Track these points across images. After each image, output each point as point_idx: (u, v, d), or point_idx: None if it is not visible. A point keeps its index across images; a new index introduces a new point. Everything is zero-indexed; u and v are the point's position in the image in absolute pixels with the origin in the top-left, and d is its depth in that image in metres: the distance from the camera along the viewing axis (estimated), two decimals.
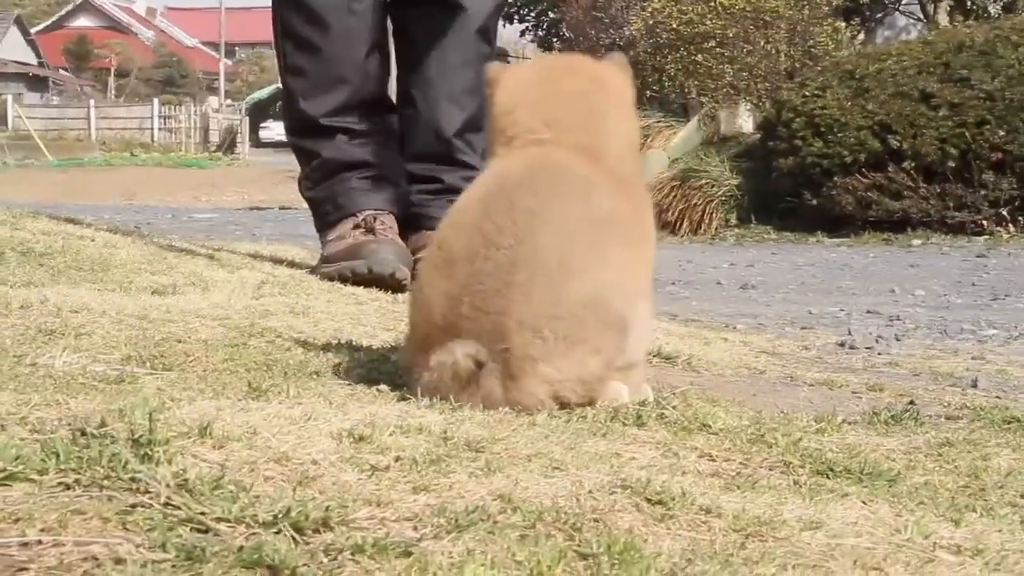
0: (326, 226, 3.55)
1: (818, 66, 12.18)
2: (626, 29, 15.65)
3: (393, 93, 3.76)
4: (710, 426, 1.75)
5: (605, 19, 16.17)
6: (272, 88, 44.97)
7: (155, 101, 43.48)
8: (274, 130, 44.73)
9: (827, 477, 1.51)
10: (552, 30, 21.42)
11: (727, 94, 13.17)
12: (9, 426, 1.30)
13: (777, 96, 11.81)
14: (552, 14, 21.26)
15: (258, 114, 46.78)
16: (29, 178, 22.76)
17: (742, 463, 1.55)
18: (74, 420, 1.33)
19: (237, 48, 59.49)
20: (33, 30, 54.75)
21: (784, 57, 13.21)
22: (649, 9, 14.22)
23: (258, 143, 44.63)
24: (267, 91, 47.44)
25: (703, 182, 11.47)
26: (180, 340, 2.10)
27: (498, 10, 3.67)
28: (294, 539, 1.05)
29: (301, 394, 1.68)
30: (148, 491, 1.12)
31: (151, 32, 59.90)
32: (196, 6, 65.03)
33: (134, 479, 1.14)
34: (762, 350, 3.21)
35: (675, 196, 11.58)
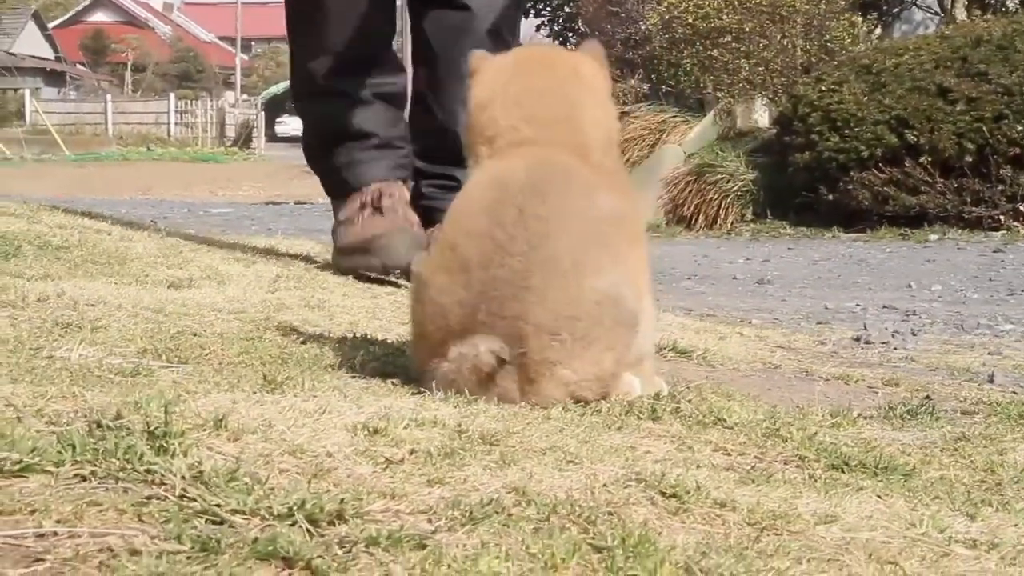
0: (335, 198, 3.59)
1: (834, 61, 12.13)
2: (642, 24, 15.63)
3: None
4: (725, 420, 1.75)
5: (621, 14, 16.14)
6: (288, 83, 44.85)
7: (171, 96, 43.54)
8: (290, 125, 44.77)
9: (842, 471, 1.51)
10: (567, 25, 21.39)
11: (743, 89, 13.13)
12: (26, 418, 1.31)
13: (793, 91, 11.77)
14: (568, 9, 21.23)
15: (274, 109, 46.83)
16: (46, 172, 22.83)
17: (757, 457, 1.55)
18: (90, 412, 1.34)
19: (253, 43, 59.58)
20: (50, 25, 54.92)
21: (800, 52, 13.17)
22: (665, 4, 14.19)
23: (274, 138, 44.71)
24: (283, 86, 47.35)
25: (719, 177, 11.44)
26: (196, 333, 2.10)
27: (510, 9, 3.57)
28: (309, 531, 1.06)
29: (316, 387, 1.68)
30: (163, 483, 1.13)
31: (168, 27, 60.00)
32: (213, 1, 65.10)
33: (149, 471, 1.14)
34: (777, 345, 3.20)
35: (691, 191, 11.56)
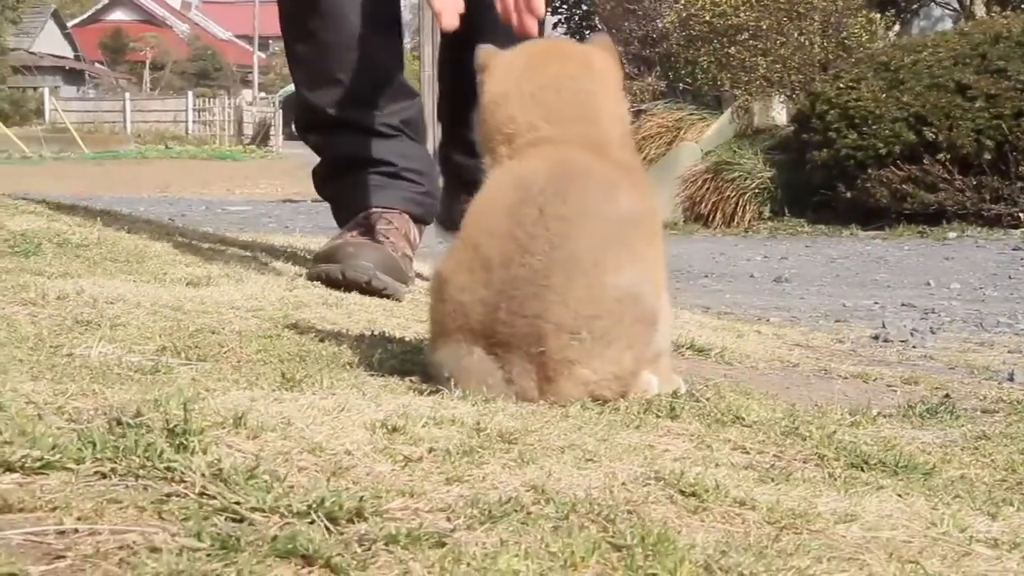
0: (340, 225, 3.24)
1: (852, 58, 12.10)
2: (659, 21, 15.59)
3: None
4: (744, 419, 1.74)
5: (638, 11, 16.11)
6: None
7: (189, 94, 43.64)
8: None
9: (862, 470, 1.50)
10: (584, 23, 21.36)
11: (760, 86, 13.09)
12: (46, 415, 1.31)
13: (811, 88, 11.74)
14: (585, 6, 21.20)
15: (291, 107, 46.88)
16: (65, 170, 22.91)
17: (776, 456, 1.55)
18: (110, 410, 1.34)
19: (271, 41, 59.57)
20: (70, 24, 55.17)
21: (818, 49, 13.12)
22: (682, 1, 14.17)
23: (291, 136, 44.56)
24: None
25: (736, 175, 11.42)
26: (214, 331, 2.11)
27: None
28: (328, 529, 1.06)
29: (334, 385, 1.69)
30: (183, 480, 1.13)
31: (186, 25, 60.14)
32: None
33: (169, 468, 1.15)
34: (796, 343, 3.20)
35: (708, 188, 11.55)
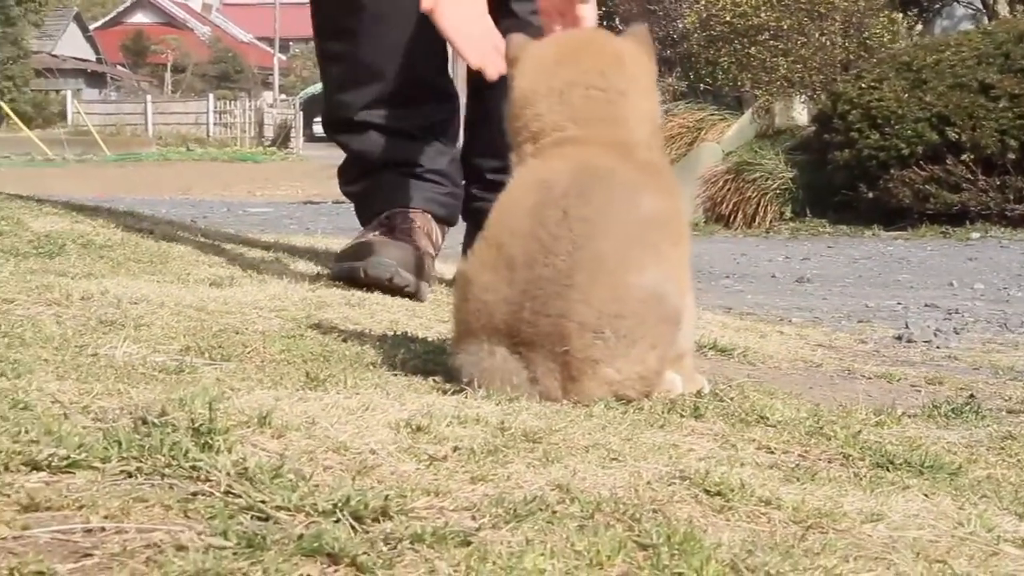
0: (364, 225, 3.22)
1: (874, 58, 12.06)
2: (679, 22, 15.58)
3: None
4: (768, 418, 1.74)
5: (658, 11, 16.10)
6: None
7: (210, 96, 43.80)
8: None
9: (887, 470, 1.50)
10: (605, 23, 21.36)
11: (781, 87, 13.07)
12: (72, 415, 1.31)
13: (832, 88, 11.71)
14: (606, 7, 21.20)
15: (312, 109, 46.91)
16: (88, 172, 23.04)
17: (801, 455, 1.54)
18: (135, 409, 1.35)
19: (291, 43, 59.77)
20: (92, 27, 55.46)
21: (839, 49, 13.09)
22: (703, 2, 14.16)
23: (312, 137, 44.82)
24: (321, 86, 47.67)
25: (757, 175, 11.40)
26: (238, 331, 2.11)
27: None
28: (353, 528, 1.06)
29: (358, 384, 1.69)
30: (209, 479, 1.13)
31: (207, 28, 60.36)
32: (251, 2, 65.40)
33: (195, 467, 1.15)
34: (818, 343, 3.18)
35: (729, 189, 11.53)
